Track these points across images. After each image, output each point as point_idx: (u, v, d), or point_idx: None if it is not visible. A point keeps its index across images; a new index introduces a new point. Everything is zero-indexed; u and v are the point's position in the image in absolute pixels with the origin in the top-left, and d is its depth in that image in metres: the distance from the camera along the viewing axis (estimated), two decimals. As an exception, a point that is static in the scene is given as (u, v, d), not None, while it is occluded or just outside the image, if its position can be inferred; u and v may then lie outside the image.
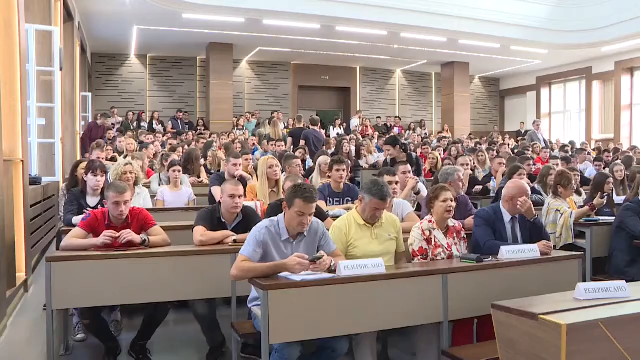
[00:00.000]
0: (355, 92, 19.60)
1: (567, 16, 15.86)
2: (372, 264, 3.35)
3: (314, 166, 7.42)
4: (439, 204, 4.09)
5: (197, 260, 4.00)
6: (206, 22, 13.38)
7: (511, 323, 2.84)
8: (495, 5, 14.88)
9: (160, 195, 6.20)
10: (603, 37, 15.54)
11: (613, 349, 2.68)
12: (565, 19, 15.82)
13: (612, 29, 15.16)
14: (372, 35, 14.75)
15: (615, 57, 17.02)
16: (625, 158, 9.07)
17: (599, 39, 15.66)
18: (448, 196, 4.10)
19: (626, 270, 4.97)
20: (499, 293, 3.35)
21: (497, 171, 7.60)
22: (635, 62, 16.96)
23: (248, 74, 18.17)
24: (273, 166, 5.55)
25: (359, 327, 3.35)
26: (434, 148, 10.59)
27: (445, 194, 4.11)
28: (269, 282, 3.17)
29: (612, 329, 2.67)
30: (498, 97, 22.02)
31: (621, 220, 5.19)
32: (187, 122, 16.23)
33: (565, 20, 15.81)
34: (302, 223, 3.47)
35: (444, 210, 4.07)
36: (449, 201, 4.08)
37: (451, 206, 4.10)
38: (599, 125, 18.23)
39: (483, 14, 14.65)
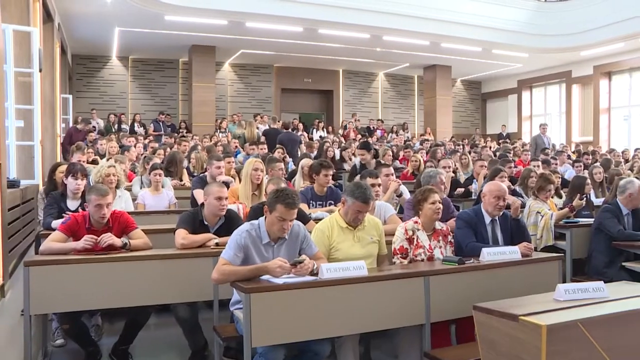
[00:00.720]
0: (338, 94, 19.63)
1: (547, 21, 16.07)
2: (354, 267, 3.35)
3: (296, 169, 7.42)
4: (428, 206, 4.11)
5: (178, 263, 3.98)
6: (189, 24, 13.30)
7: (492, 324, 2.86)
8: (476, 9, 15.01)
9: (141, 199, 6.15)
10: (582, 42, 15.77)
11: (591, 349, 2.71)
12: (546, 23, 16.02)
13: (590, 33, 15.39)
14: (355, 38, 14.78)
15: (593, 61, 17.26)
16: (604, 160, 9.19)
17: (578, 44, 15.89)
18: (436, 198, 4.13)
19: (605, 271, 5.03)
20: (480, 294, 3.37)
21: (479, 174, 7.65)
22: (612, 67, 17.22)
23: (231, 77, 18.11)
24: (258, 169, 5.53)
25: (341, 329, 3.36)
26: (416, 151, 10.63)
27: (434, 196, 4.13)
28: (251, 285, 3.16)
29: (591, 328, 2.70)
30: (480, 100, 22.20)
31: (600, 222, 5.25)
32: (170, 124, 16.13)
33: (545, 24, 16.00)
34: (283, 228, 3.46)
35: (433, 212, 4.09)
36: (437, 203, 4.11)
37: (440, 208, 4.12)
38: (578, 128, 18.46)
39: (465, 18, 14.77)
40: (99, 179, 5.36)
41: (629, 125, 17.44)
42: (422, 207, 4.15)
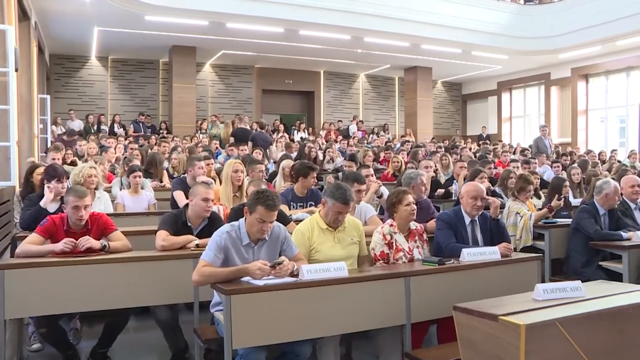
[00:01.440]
0: (319, 96, 19.64)
1: (526, 23, 16.27)
2: (334, 268, 3.35)
3: (277, 170, 7.42)
4: (403, 208, 4.13)
5: (158, 265, 3.95)
6: (169, 25, 13.21)
7: (472, 324, 2.88)
8: (456, 11, 15.14)
9: (120, 200, 6.10)
10: (560, 45, 16.01)
11: (569, 347, 2.74)
12: (525, 26, 16.22)
13: (568, 36, 15.63)
14: (336, 40, 14.80)
15: (571, 63, 17.49)
16: (581, 162, 9.30)
17: (556, 46, 16.12)
18: (411, 200, 4.16)
19: (582, 270, 5.09)
20: (460, 295, 3.39)
21: (459, 175, 7.70)
22: (589, 69, 17.47)
23: (211, 78, 18.03)
24: (238, 171, 5.52)
25: (322, 330, 3.35)
26: (397, 152, 10.68)
27: (408, 198, 4.16)
28: (232, 287, 3.14)
29: (568, 327, 2.73)
30: (460, 102, 22.36)
31: (577, 222, 5.31)
32: (150, 125, 16.00)
33: (524, 27, 16.20)
34: (263, 230, 3.46)
35: (409, 214, 4.12)
36: (412, 204, 4.13)
37: (414, 209, 4.14)
38: (557, 130, 18.68)
39: (445, 20, 14.88)
40: (80, 180, 5.29)
41: (605, 127, 17.71)
42: (397, 210, 4.17)
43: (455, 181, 7.65)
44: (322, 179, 8.46)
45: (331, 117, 19.31)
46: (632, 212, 5.70)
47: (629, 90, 16.82)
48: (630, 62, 16.23)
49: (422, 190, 5.23)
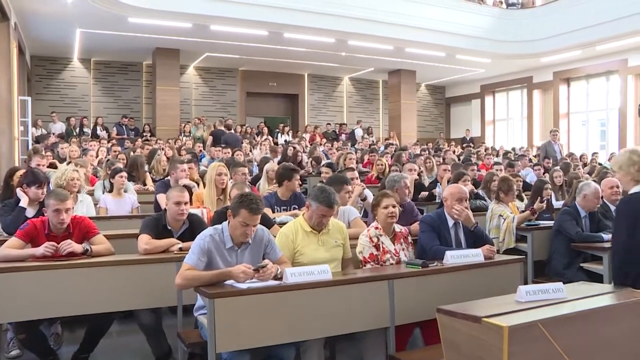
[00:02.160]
0: (303, 98, 19.65)
1: (509, 27, 16.44)
2: (318, 271, 3.35)
3: (260, 174, 7.41)
4: (382, 211, 4.16)
5: (141, 269, 3.92)
6: (152, 27, 13.15)
7: (455, 326, 2.89)
8: (440, 15, 15.24)
9: (102, 203, 6.05)
10: (542, 49, 16.20)
11: (551, 348, 2.76)
12: (507, 30, 16.38)
13: (549, 41, 15.83)
14: (320, 43, 14.83)
15: (553, 67, 17.70)
16: (563, 164, 9.39)
17: (538, 50, 16.31)
18: (390, 202, 4.17)
19: (564, 272, 5.13)
20: (444, 297, 3.42)
21: (443, 177, 7.74)
22: (571, 73, 17.68)
23: (195, 80, 17.96)
24: (222, 174, 5.50)
25: (306, 333, 3.35)
26: (381, 155, 10.71)
27: (387, 201, 4.17)
28: (215, 290, 3.13)
29: (550, 328, 2.76)
30: (444, 105, 22.49)
31: (559, 224, 5.36)
32: (133, 128, 15.89)
33: (507, 31, 16.36)
34: (246, 233, 3.45)
35: (386, 216, 4.14)
36: (390, 207, 4.15)
37: (393, 212, 4.16)
38: (539, 133, 18.86)
39: (429, 24, 14.97)
40: (62, 183, 5.23)
41: (586, 130, 17.92)
42: (376, 212, 4.20)
43: (438, 184, 7.68)
44: (306, 182, 8.46)
45: (315, 120, 19.34)
46: (612, 214, 5.74)
47: (608, 94, 17.05)
48: (609, 67, 16.47)
49: (405, 194, 5.25)
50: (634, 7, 13.32)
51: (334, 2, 13.61)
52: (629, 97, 15.93)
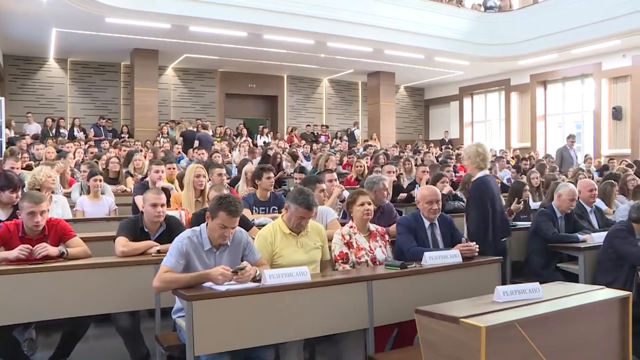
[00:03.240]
0: (282, 100, 19.61)
1: (487, 30, 16.63)
2: (297, 273, 3.35)
3: (239, 175, 7.38)
4: (357, 208, 4.19)
5: (119, 271, 3.87)
6: (130, 27, 13.01)
7: (434, 327, 2.91)
8: (419, 17, 15.35)
9: (79, 206, 5.98)
10: (519, 52, 16.41)
11: (527, 347, 2.80)
12: (486, 33, 16.57)
13: (526, 44, 16.05)
14: (299, 44, 14.83)
15: (530, 70, 17.93)
16: (540, 166, 9.50)
17: (516, 53, 16.51)
18: (365, 200, 4.20)
19: (541, 272, 5.18)
20: (423, 298, 3.44)
21: (421, 179, 7.78)
22: (547, 76, 17.92)
23: (174, 81, 17.82)
24: (200, 176, 5.46)
25: (285, 335, 3.34)
26: (360, 156, 10.74)
27: (362, 198, 4.20)
28: (193, 293, 3.11)
29: (527, 328, 2.80)
30: (423, 107, 22.62)
31: (536, 225, 5.43)
32: (111, 129, 15.69)
33: (485, 34, 16.55)
34: (224, 235, 3.43)
35: (362, 214, 4.17)
36: (366, 205, 4.17)
37: (368, 210, 4.18)
38: (517, 135, 19.07)
39: (408, 26, 15.06)
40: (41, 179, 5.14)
41: (563, 132, 18.14)
42: (352, 210, 4.21)
43: (417, 185, 7.72)
44: (285, 184, 8.45)
45: (295, 122, 19.33)
46: (587, 215, 5.87)
47: (584, 96, 17.31)
48: (584, 70, 16.74)
49: (384, 195, 5.26)
50: (607, 13, 13.61)
51: (313, 3, 13.63)
52: (603, 100, 16.19)
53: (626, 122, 15.65)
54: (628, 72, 15.54)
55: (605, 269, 4.71)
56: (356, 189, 6.36)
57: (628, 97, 15.59)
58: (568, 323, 3.05)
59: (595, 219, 5.91)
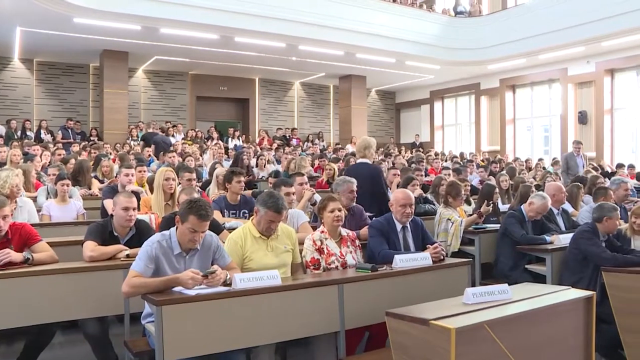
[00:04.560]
0: (253, 103, 19.56)
1: (457, 35, 16.86)
2: (267, 276, 3.33)
3: (210, 179, 7.33)
4: (327, 214, 4.20)
5: (86, 277, 3.79)
6: (99, 28, 12.82)
7: (404, 329, 2.93)
8: (390, 21, 15.49)
9: (46, 210, 5.85)
10: (488, 56, 16.68)
11: (496, 348, 2.84)
12: (456, 37, 16.80)
13: (495, 49, 16.33)
14: (271, 47, 14.81)
15: (499, 74, 18.24)
16: (509, 169, 9.64)
17: (485, 58, 16.78)
18: (336, 206, 4.20)
19: (510, 273, 5.27)
20: (393, 300, 3.46)
21: (392, 182, 7.82)
22: (516, 80, 18.24)
23: (144, 83, 17.63)
24: (169, 179, 5.41)
25: (257, 339, 3.32)
26: (331, 160, 10.76)
27: (333, 204, 4.20)
28: (163, 298, 3.07)
29: (496, 329, 2.84)
30: (394, 110, 22.79)
31: (505, 227, 5.50)
32: (79, 132, 15.45)
33: (455, 38, 16.77)
34: (194, 240, 3.41)
35: (332, 220, 4.17)
36: (336, 211, 4.18)
37: (339, 216, 4.18)
38: (487, 138, 19.34)
39: (379, 30, 15.17)
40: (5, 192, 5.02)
41: (531, 136, 18.49)
42: (323, 216, 4.23)
43: (388, 188, 7.75)
44: (256, 187, 8.41)
45: (266, 125, 19.31)
46: (555, 217, 5.97)
47: (551, 101, 17.65)
48: (551, 75, 17.10)
49: (350, 198, 5.19)
50: (572, 20, 13.96)
51: (285, 7, 13.64)
52: (569, 105, 16.55)
53: (591, 126, 16.02)
54: (592, 77, 15.95)
55: (571, 269, 4.81)
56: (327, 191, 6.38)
57: (592, 102, 15.97)
58: (535, 323, 3.10)
59: (562, 221, 6.02)
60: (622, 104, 15.80)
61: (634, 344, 4.17)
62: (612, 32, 13.57)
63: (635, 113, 15.64)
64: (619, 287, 4.30)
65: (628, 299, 4.23)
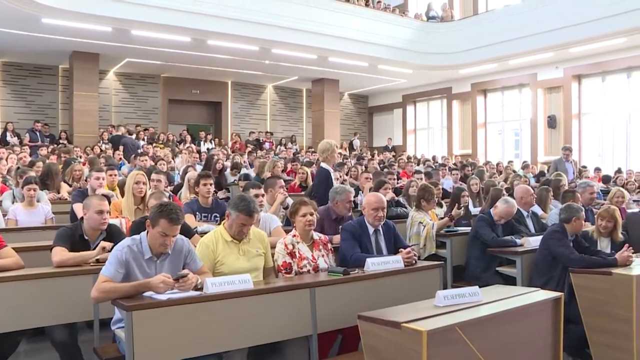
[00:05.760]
0: (226, 106, 19.46)
1: (429, 40, 17.03)
2: (239, 280, 3.31)
3: (182, 182, 7.27)
4: (299, 219, 4.19)
5: (55, 282, 3.71)
6: (69, 29, 12.60)
7: (376, 332, 2.94)
8: (363, 25, 15.57)
9: (12, 214, 5.73)
10: (460, 61, 16.88)
11: (467, 350, 2.86)
12: (428, 42, 16.96)
13: (467, 53, 16.54)
14: (244, 50, 14.76)
15: (471, 79, 18.47)
16: (478, 172, 9.74)
17: (457, 62, 16.98)
18: (307, 210, 4.20)
19: (481, 276, 5.32)
20: (365, 304, 3.45)
21: (364, 186, 7.85)
22: (487, 85, 18.49)
23: (115, 86, 17.39)
24: (140, 182, 5.34)
25: (229, 344, 3.30)
26: (303, 163, 10.76)
27: (305, 209, 4.20)
28: (133, 303, 3.02)
29: (467, 331, 2.86)
30: (367, 114, 22.90)
31: (476, 230, 5.56)
32: (48, 134, 15.16)
33: (427, 43, 16.93)
34: (165, 244, 3.37)
35: (304, 225, 4.17)
36: (308, 215, 4.17)
37: (311, 220, 4.18)
38: (459, 142, 19.56)
39: (352, 34, 15.24)
40: None
41: (502, 140, 18.75)
42: (294, 220, 4.22)
43: (361, 192, 7.78)
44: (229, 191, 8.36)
45: (239, 128, 19.24)
46: (524, 220, 6.05)
47: (521, 105, 17.93)
48: (521, 80, 17.39)
49: (348, 208, 5.16)
50: (542, 26, 14.24)
51: (259, 10, 13.61)
52: (539, 109, 16.84)
53: (560, 130, 16.33)
54: (560, 83, 16.27)
55: (541, 271, 4.88)
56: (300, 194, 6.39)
57: (561, 106, 16.28)
58: (506, 324, 3.15)
59: (532, 223, 6.11)
60: (588, 109, 16.16)
61: (600, 343, 4.27)
62: (579, 39, 13.89)
63: (601, 118, 16.01)
64: (586, 287, 4.39)
65: (594, 299, 4.33)
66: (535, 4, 14.84)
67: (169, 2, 12.51)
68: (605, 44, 13.93)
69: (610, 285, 4.25)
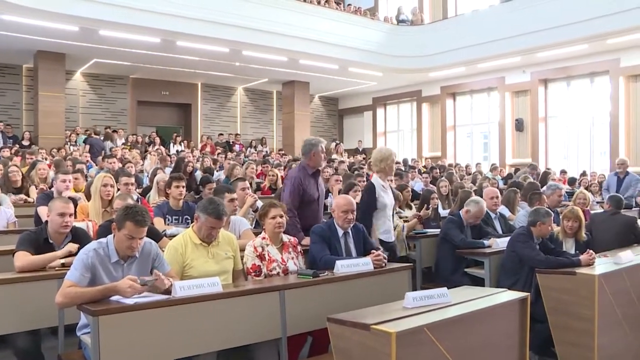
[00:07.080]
0: (196, 108, 19.33)
1: (399, 43, 17.17)
2: (208, 283, 3.28)
3: (151, 185, 7.18)
4: (269, 221, 4.18)
5: (16, 288, 3.61)
6: (33, 28, 12.33)
7: (346, 334, 2.95)
8: (334, 28, 15.63)
9: (-30, 219, 5.58)
10: (429, 64, 17.07)
11: (436, 351, 2.89)
12: (398, 45, 17.10)
13: (436, 57, 16.73)
14: (214, 52, 14.69)
15: (440, 82, 18.69)
16: (448, 174, 9.85)
17: (426, 65, 17.16)
18: (277, 212, 4.19)
19: (450, 277, 5.38)
20: (335, 306, 3.46)
21: (334, 188, 7.85)
22: (456, 88, 18.73)
23: (83, 87, 17.11)
24: (107, 185, 5.25)
25: (198, 348, 3.26)
26: (274, 165, 10.73)
27: (274, 211, 4.19)
28: (99, 307, 2.96)
29: (435, 332, 2.89)
30: (337, 116, 22.97)
31: (445, 232, 5.62)
32: (11, 136, 14.82)
33: (397, 46, 17.07)
34: (132, 247, 3.32)
35: (274, 227, 4.15)
36: (277, 218, 4.16)
37: (280, 222, 4.17)
38: (428, 144, 19.75)
39: (323, 36, 15.29)
40: None
41: (471, 142, 19.00)
42: (264, 222, 4.21)
43: (330, 194, 7.78)
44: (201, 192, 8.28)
45: (209, 130, 19.12)
46: (492, 221, 6.14)
47: (490, 109, 18.20)
48: (490, 84, 17.66)
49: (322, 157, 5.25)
50: (509, 31, 14.54)
51: (229, 11, 13.55)
52: (507, 112, 17.12)
53: (527, 133, 16.62)
54: (527, 86, 16.58)
55: (508, 272, 4.96)
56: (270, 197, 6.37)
57: (528, 110, 16.58)
58: (473, 325, 3.18)
59: (500, 225, 6.19)
60: (554, 113, 16.48)
61: (564, 341, 4.37)
62: (545, 44, 14.22)
63: (566, 121, 16.34)
64: (552, 287, 4.49)
65: (560, 299, 4.42)
66: (503, 10, 15.15)
67: (138, 2, 12.37)
68: (569, 49, 14.31)
69: (575, 285, 4.35)
